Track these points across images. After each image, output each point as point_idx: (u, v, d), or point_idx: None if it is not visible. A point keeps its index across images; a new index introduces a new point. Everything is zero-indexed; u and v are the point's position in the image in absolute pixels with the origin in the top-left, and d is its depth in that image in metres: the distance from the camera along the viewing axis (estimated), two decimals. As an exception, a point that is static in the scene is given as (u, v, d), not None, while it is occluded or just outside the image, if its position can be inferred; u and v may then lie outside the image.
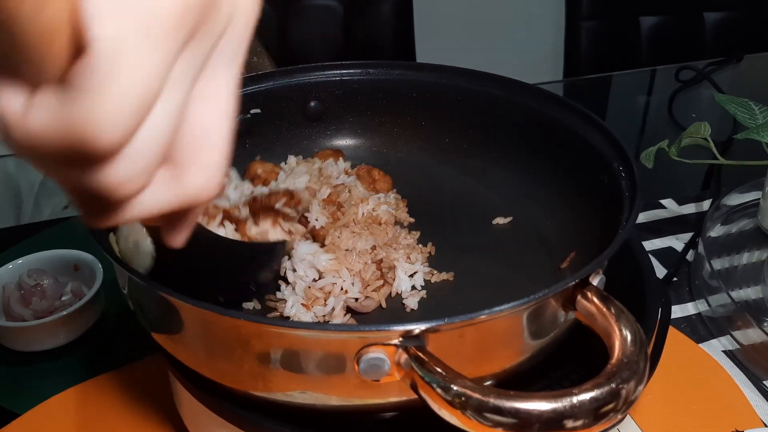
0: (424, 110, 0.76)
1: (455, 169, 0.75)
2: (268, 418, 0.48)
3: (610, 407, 0.38)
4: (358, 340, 0.41)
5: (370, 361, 0.41)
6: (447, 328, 0.42)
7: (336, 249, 0.60)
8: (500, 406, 0.37)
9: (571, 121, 0.65)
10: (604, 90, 1.40)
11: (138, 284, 0.50)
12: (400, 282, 0.59)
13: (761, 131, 0.79)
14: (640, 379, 0.39)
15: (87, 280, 0.73)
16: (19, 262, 0.74)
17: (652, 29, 1.71)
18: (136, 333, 0.61)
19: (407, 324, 0.41)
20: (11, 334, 0.69)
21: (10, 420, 0.62)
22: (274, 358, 0.44)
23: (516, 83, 0.71)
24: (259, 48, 0.77)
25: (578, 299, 0.46)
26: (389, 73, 0.76)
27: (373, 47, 1.64)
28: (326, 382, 0.44)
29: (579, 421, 0.37)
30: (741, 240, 0.83)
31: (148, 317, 0.52)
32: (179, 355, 0.50)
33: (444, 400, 0.39)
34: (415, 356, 0.40)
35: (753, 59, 1.42)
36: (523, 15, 2.15)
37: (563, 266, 0.62)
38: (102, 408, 0.63)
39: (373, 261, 0.60)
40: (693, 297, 0.77)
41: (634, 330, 0.42)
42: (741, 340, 0.69)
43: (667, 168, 0.88)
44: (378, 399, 0.46)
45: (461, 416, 0.38)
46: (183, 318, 0.47)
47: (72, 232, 0.87)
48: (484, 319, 0.42)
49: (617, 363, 0.40)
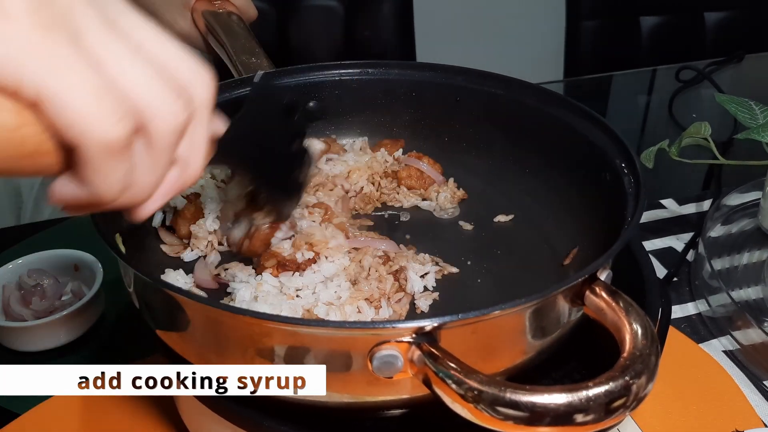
0: (424, 109, 0.76)
1: (456, 168, 0.75)
2: (269, 417, 0.48)
3: (621, 402, 0.38)
4: (372, 338, 0.42)
5: (383, 358, 0.41)
6: (459, 325, 0.42)
7: (350, 271, 0.60)
8: (516, 400, 0.37)
9: (571, 119, 0.65)
10: (605, 90, 1.40)
11: (144, 281, 0.50)
12: (413, 283, 0.59)
13: (762, 131, 0.79)
14: (651, 374, 0.39)
15: (87, 280, 0.73)
16: (19, 262, 0.74)
17: (652, 29, 1.71)
18: (136, 333, 0.61)
19: (420, 321, 0.41)
20: (11, 334, 0.69)
21: (10, 420, 0.62)
22: (287, 356, 0.44)
23: (516, 82, 0.71)
24: (257, 48, 0.77)
25: (587, 294, 0.46)
26: (388, 73, 0.76)
27: (373, 47, 1.64)
28: (339, 379, 0.44)
29: (590, 415, 0.38)
30: (741, 240, 0.83)
31: (154, 315, 0.52)
32: (186, 353, 0.50)
33: (458, 395, 0.39)
34: (428, 352, 0.40)
35: (753, 59, 1.42)
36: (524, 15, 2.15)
37: (566, 263, 0.62)
38: (102, 408, 0.63)
39: (388, 272, 0.60)
40: (693, 297, 0.77)
41: (645, 324, 0.42)
42: (741, 340, 0.69)
43: (668, 168, 0.88)
44: (389, 396, 0.46)
45: (474, 410, 0.38)
46: (190, 315, 0.47)
47: (72, 232, 0.87)
48: (497, 315, 0.42)
49: (629, 356, 0.40)
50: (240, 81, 0.70)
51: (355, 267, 0.60)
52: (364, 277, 0.59)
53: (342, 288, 0.57)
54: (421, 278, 0.60)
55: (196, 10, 0.85)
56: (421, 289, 0.60)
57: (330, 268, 0.59)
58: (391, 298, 0.58)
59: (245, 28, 0.82)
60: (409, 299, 0.59)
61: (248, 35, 0.80)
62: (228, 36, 0.79)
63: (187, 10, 0.86)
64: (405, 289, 0.59)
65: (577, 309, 0.48)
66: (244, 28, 0.81)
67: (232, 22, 0.82)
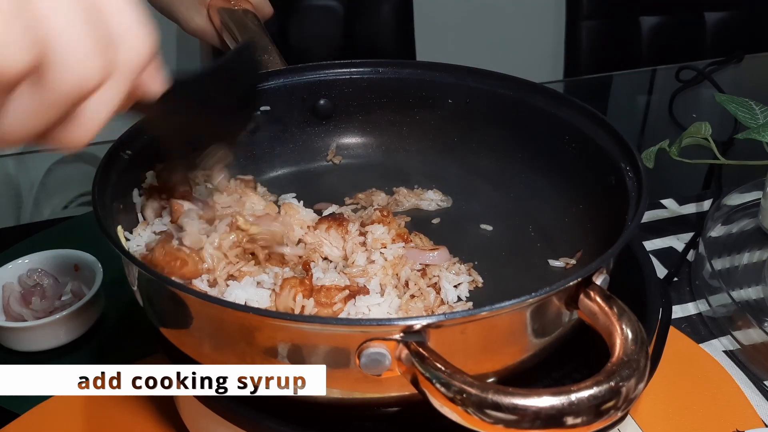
0: (433, 109, 0.76)
1: (463, 168, 0.75)
2: (269, 417, 0.48)
3: (611, 405, 0.38)
4: (360, 335, 0.42)
5: (371, 356, 0.42)
6: (448, 324, 0.42)
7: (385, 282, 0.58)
8: (498, 401, 0.37)
9: (579, 121, 0.65)
10: (605, 90, 1.40)
11: (148, 279, 0.50)
12: (447, 293, 0.59)
13: (762, 131, 0.79)
14: (640, 377, 0.39)
15: (87, 280, 0.73)
16: (18, 262, 0.74)
17: (652, 29, 1.71)
18: (136, 333, 0.61)
19: (408, 319, 0.41)
20: (11, 334, 0.69)
21: (10, 420, 0.62)
22: (280, 351, 0.44)
23: (525, 83, 0.71)
24: (270, 46, 0.77)
25: (581, 298, 0.46)
26: (399, 72, 0.76)
27: (373, 47, 1.64)
28: (329, 375, 0.44)
29: (579, 418, 0.37)
30: (742, 240, 0.83)
31: (157, 312, 0.52)
32: (186, 348, 0.50)
33: (444, 396, 0.39)
34: (415, 352, 0.40)
35: (753, 59, 1.42)
36: (524, 15, 2.15)
37: (570, 266, 0.62)
38: (102, 408, 0.63)
39: (428, 285, 0.59)
40: (694, 297, 0.77)
41: (636, 329, 0.42)
42: (742, 340, 0.69)
43: (668, 168, 0.88)
44: (379, 393, 0.46)
45: (462, 413, 0.38)
46: (192, 311, 0.47)
47: (72, 232, 0.87)
48: (486, 316, 0.42)
49: (617, 361, 0.40)
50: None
51: (390, 279, 0.58)
52: (401, 287, 0.58)
53: (392, 306, 0.55)
54: (455, 288, 0.60)
55: (212, 7, 0.86)
56: (455, 299, 0.59)
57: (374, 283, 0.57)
58: (435, 312, 0.57)
59: (260, 26, 0.82)
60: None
61: (262, 32, 0.80)
62: (242, 33, 0.79)
63: (203, 7, 0.87)
64: (446, 302, 0.58)
65: (571, 312, 0.48)
66: (259, 26, 0.82)
67: (247, 20, 0.82)
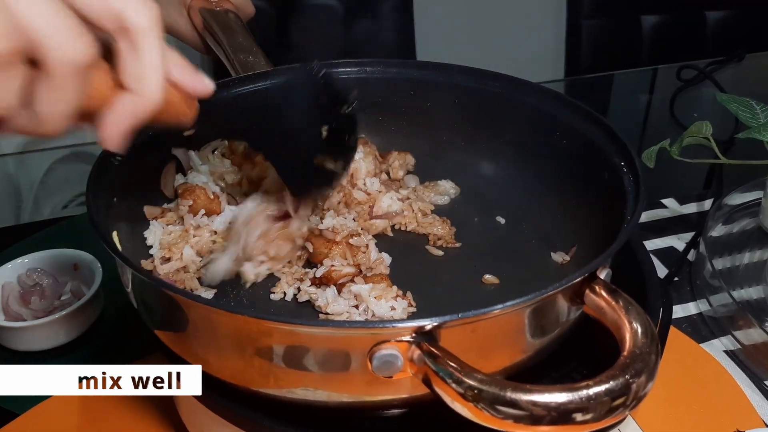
0: (422, 108, 0.76)
1: (454, 166, 0.75)
2: (269, 417, 0.48)
3: (621, 401, 0.38)
4: (371, 337, 0.42)
5: (383, 358, 0.41)
6: (459, 324, 0.42)
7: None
8: (516, 398, 0.37)
9: (571, 118, 0.65)
10: (606, 89, 1.40)
11: (142, 281, 0.50)
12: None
13: (763, 130, 0.78)
14: (651, 373, 0.39)
15: (86, 279, 0.73)
16: (18, 262, 0.74)
17: (653, 28, 1.71)
18: (136, 332, 0.60)
19: (420, 320, 0.41)
20: (10, 333, 0.69)
21: (10, 420, 0.62)
22: (286, 356, 0.44)
23: (515, 80, 0.71)
24: (255, 47, 0.76)
25: (586, 293, 0.46)
26: (386, 71, 0.75)
27: (373, 47, 1.64)
28: (338, 379, 0.44)
29: (589, 414, 0.37)
30: (742, 239, 0.83)
31: (152, 315, 0.52)
32: (184, 353, 0.50)
33: (458, 394, 0.39)
34: (428, 351, 0.40)
35: (754, 58, 1.41)
36: (524, 14, 2.15)
37: (565, 262, 0.62)
38: (101, 408, 0.63)
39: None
40: (694, 297, 0.77)
41: (645, 322, 0.42)
42: (742, 340, 0.69)
43: (669, 167, 0.88)
44: (388, 395, 0.46)
45: (474, 409, 0.38)
46: (189, 315, 0.47)
47: (72, 231, 0.87)
48: (497, 314, 0.42)
49: (630, 355, 0.40)
50: (238, 80, 0.68)
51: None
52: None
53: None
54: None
55: (193, 8, 0.84)
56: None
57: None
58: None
59: (243, 26, 0.81)
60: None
61: (246, 33, 0.79)
62: (225, 34, 0.78)
63: (184, 8, 0.85)
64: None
65: (576, 308, 0.48)
66: (242, 26, 0.81)
67: (230, 20, 0.81)
